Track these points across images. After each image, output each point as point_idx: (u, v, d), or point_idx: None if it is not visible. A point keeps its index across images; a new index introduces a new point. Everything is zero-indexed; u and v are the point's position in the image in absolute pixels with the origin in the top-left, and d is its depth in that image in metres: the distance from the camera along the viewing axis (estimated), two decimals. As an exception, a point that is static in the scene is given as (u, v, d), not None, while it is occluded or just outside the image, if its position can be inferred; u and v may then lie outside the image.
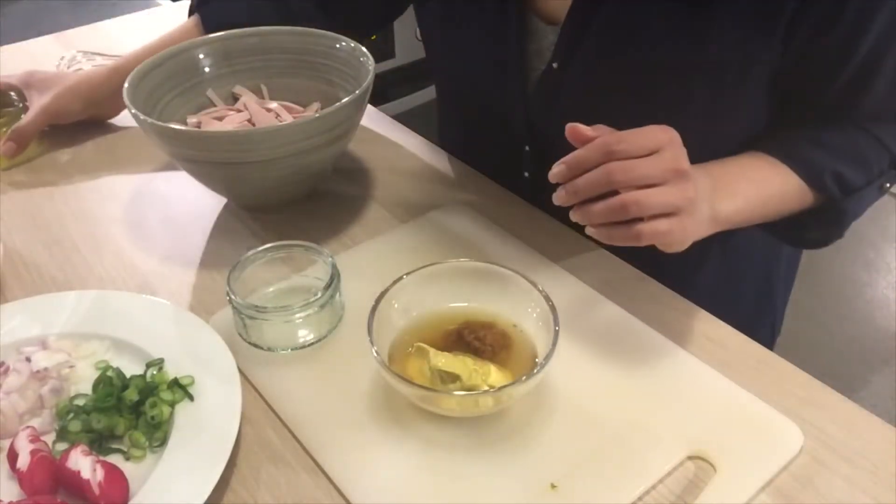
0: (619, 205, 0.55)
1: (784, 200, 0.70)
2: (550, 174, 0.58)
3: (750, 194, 0.67)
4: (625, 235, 0.57)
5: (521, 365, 0.58)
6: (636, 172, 0.55)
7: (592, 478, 0.53)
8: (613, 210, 0.56)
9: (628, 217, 0.56)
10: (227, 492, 0.54)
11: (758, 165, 0.70)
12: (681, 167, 0.57)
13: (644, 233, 0.56)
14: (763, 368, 0.62)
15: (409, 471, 0.54)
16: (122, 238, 0.79)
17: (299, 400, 0.60)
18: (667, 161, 0.56)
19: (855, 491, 0.53)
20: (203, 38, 0.85)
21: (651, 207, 0.55)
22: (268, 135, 0.71)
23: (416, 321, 0.62)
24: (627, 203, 0.55)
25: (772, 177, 0.70)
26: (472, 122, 0.94)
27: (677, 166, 0.56)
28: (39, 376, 0.59)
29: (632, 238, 0.57)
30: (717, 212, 0.63)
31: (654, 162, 0.56)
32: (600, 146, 0.56)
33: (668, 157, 0.56)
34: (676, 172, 0.56)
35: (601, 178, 0.56)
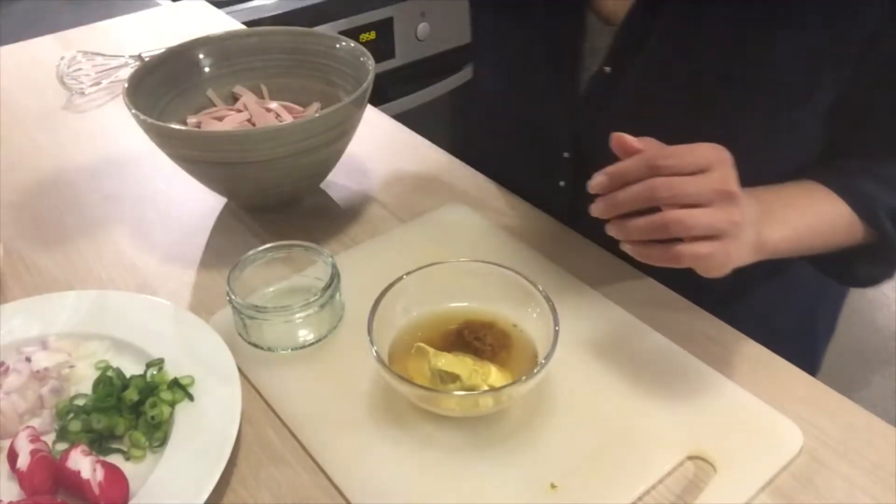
0: (661, 223, 0.53)
1: (834, 232, 0.67)
2: (590, 184, 0.55)
3: (799, 224, 0.64)
4: (663, 256, 0.54)
5: (521, 365, 0.58)
6: (681, 190, 0.53)
7: (592, 478, 0.53)
8: (654, 228, 0.53)
9: (669, 236, 0.53)
10: (227, 492, 0.54)
11: (809, 194, 0.67)
12: (729, 189, 0.54)
13: (683, 254, 0.53)
14: (763, 368, 0.62)
15: (409, 471, 0.54)
16: (122, 238, 0.79)
17: (299, 400, 0.60)
18: (715, 181, 0.53)
19: (855, 491, 0.53)
20: (203, 38, 0.85)
21: (693, 228, 0.53)
22: (268, 135, 0.71)
23: (416, 321, 0.62)
24: (669, 221, 0.52)
25: (823, 207, 0.66)
26: (509, 123, 0.89)
27: (726, 188, 0.53)
28: (39, 376, 0.59)
29: (670, 259, 0.54)
30: (764, 239, 0.60)
31: (701, 181, 0.53)
32: (646, 159, 0.53)
33: (716, 178, 0.53)
34: (724, 194, 0.53)
35: (644, 193, 0.53)
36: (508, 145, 0.90)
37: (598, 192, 0.55)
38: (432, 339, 0.60)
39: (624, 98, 0.71)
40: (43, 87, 1.08)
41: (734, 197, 0.54)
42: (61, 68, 1.06)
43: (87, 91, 1.06)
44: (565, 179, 0.80)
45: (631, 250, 0.56)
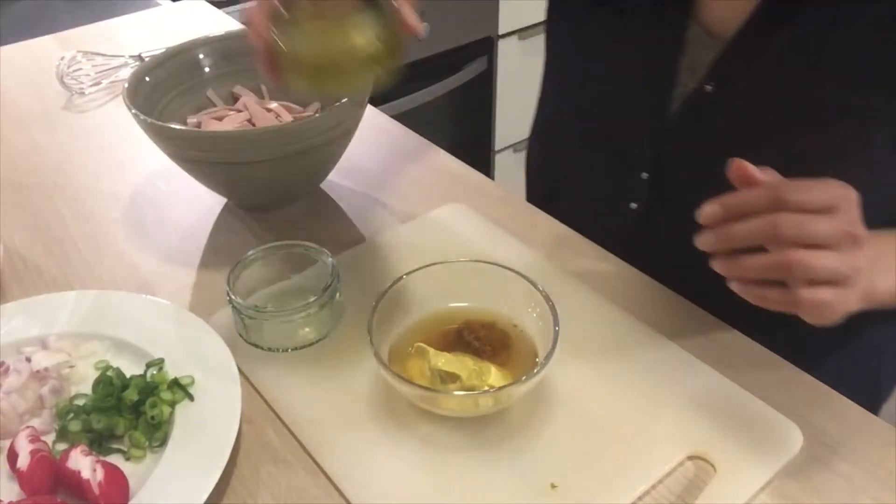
0: (784, 264, 0.48)
1: None
2: (701, 213, 0.50)
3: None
4: (781, 300, 0.50)
5: (521, 365, 0.58)
6: (808, 230, 0.48)
7: (592, 478, 0.53)
8: (773, 268, 0.49)
9: (786, 278, 0.49)
10: (227, 492, 0.54)
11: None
12: (856, 232, 0.50)
13: (804, 301, 0.49)
14: (763, 368, 0.62)
15: (409, 471, 0.54)
16: (122, 238, 0.79)
17: (299, 400, 0.60)
18: (843, 223, 0.49)
19: (855, 491, 0.53)
20: (203, 38, 0.85)
21: (818, 273, 0.48)
22: (268, 135, 0.71)
23: (416, 321, 0.62)
24: (793, 264, 0.48)
25: None
26: (582, 135, 0.81)
27: (853, 230, 0.49)
28: (39, 376, 0.59)
29: (789, 304, 0.50)
30: (873, 287, 0.54)
31: (829, 221, 0.49)
32: (771, 192, 0.49)
33: (845, 219, 0.49)
34: (851, 237, 0.49)
35: (765, 231, 0.48)
36: (578, 163, 0.84)
37: (710, 223, 0.51)
38: (432, 338, 0.60)
39: (723, 121, 0.66)
40: (43, 87, 1.08)
41: (859, 241, 0.50)
42: (61, 68, 1.06)
43: (87, 91, 1.06)
44: (639, 201, 0.74)
45: (740, 289, 0.51)
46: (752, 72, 0.62)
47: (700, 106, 0.66)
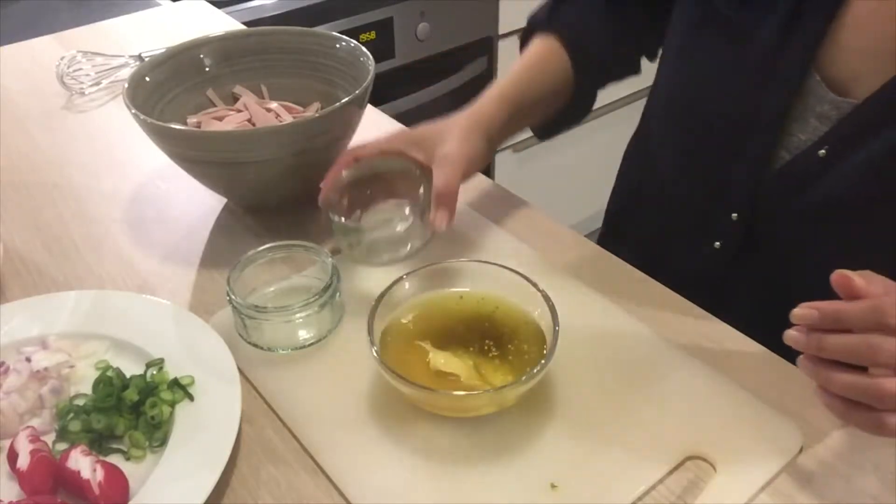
0: (876, 392, 0.45)
1: None
2: (794, 314, 0.47)
3: None
4: (866, 424, 0.47)
5: (521, 364, 0.58)
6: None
7: (592, 478, 0.53)
8: (864, 393, 0.46)
9: (877, 406, 0.46)
10: (227, 492, 0.54)
11: None
12: None
13: (890, 427, 0.46)
14: (763, 368, 0.62)
15: (409, 471, 0.54)
16: (122, 238, 0.79)
17: (299, 400, 0.60)
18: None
19: (855, 491, 0.53)
20: (203, 38, 0.85)
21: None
22: (268, 135, 0.71)
23: (415, 321, 0.62)
24: (885, 393, 0.45)
25: None
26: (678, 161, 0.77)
27: None
28: (39, 376, 0.59)
29: (875, 428, 0.47)
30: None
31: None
32: (874, 313, 0.45)
33: None
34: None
35: (861, 352, 0.46)
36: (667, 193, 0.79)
37: (801, 323, 0.48)
38: (432, 338, 0.60)
39: (828, 186, 0.61)
40: (43, 87, 1.08)
41: None
42: (61, 68, 1.06)
43: (87, 91, 1.06)
44: (723, 241, 0.71)
45: (827, 402, 0.49)
46: (876, 142, 0.57)
47: (809, 167, 0.62)
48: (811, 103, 0.62)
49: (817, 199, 0.60)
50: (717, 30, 0.67)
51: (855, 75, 0.60)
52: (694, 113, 0.72)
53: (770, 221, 0.66)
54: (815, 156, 0.61)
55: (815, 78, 0.62)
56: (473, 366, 0.58)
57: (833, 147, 0.60)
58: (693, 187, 0.74)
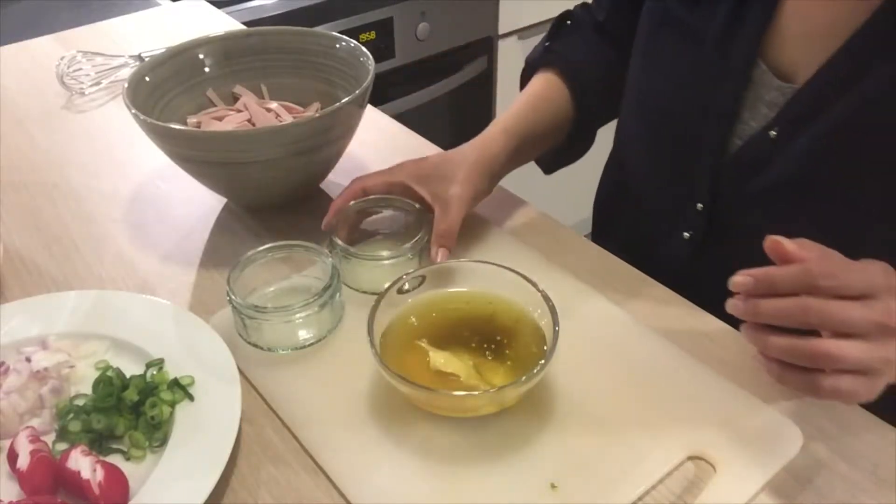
0: (809, 352, 0.48)
1: None
2: (732, 282, 0.50)
3: None
4: (802, 386, 0.50)
5: (521, 364, 0.58)
6: (837, 319, 0.47)
7: (592, 478, 0.53)
8: (800, 354, 0.49)
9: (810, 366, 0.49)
10: (227, 492, 0.54)
11: None
12: (890, 323, 0.48)
13: (825, 389, 0.49)
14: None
15: (409, 471, 0.54)
16: (122, 238, 0.79)
17: (299, 400, 0.60)
18: (876, 312, 0.48)
19: (855, 491, 0.53)
20: (203, 38, 0.85)
21: (843, 364, 0.48)
22: (268, 135, 0.71)
23: (415, 321, 0.62)
24: (818, 354, 0.48)
25: None
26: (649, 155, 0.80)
27: (887, 321, 0.48)
28: (39, 376, 0.59)
29: (811, 390, 0.50)
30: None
31: (861, 311, 0.47)
32: (805, 275, 0.47)
33: (879, 309, 0.48)
34: (884, 328, 0.48)
35: (793, 313, 0.48)
36: (637, 187, 0.83)
37: (739, 291, 0.50)
38: (432, 338, 0.60)
39: (781, 168, 0.64)
40: (43, 87, 1.08)
41: (893, 332, 0.48)
42: (61, 68, 1.06)
43: (87, 91, 1.06)
44: (692, 231, 0.74)
45: (765, 365, 0.51)
46: (820, 124, 0.60)
47: (761, 150, 0.65)
48: (760, 92, 0.65)
49: (770, 181, 0.63)
50: (671, 30, 0.71)
51: (797, 61, 0.63)
52: (656, 109, 0.75)
53: (731, 209, 0.69)
54: (767, 138, 0.64)
55: (761, 67, 0.65)
56: (473, 366, 0.58)
57: (782, 129, 0.63)
58: (660, 181, 0.78)
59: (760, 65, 0.65)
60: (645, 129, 0.79)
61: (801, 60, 0.62)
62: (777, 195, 0.62)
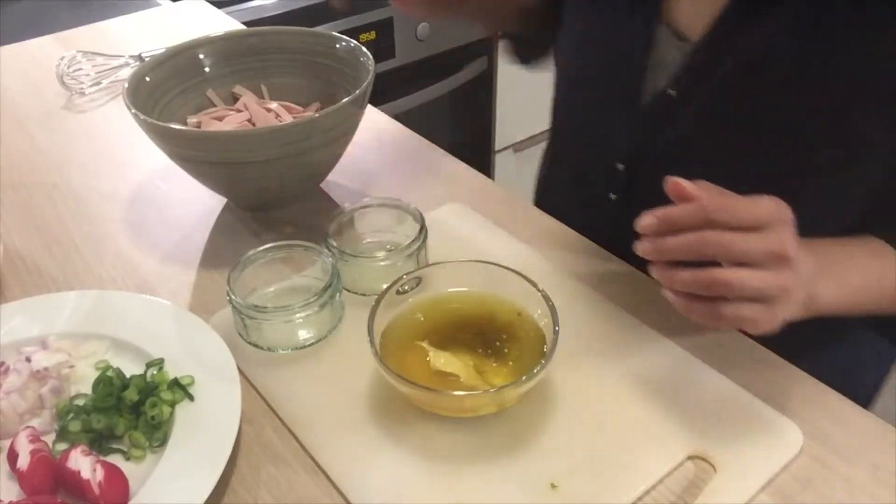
0: (707, 282, 0.51)
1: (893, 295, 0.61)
2: (639, 223, 0.53)
3: (856, 283, 0.60)
4: (706, 314, 0.52)
5: (521, 364, 0.58)
6: (733, 249, 0.50)
7: (592, 478, 0.53)
8: (701, 285, 0.51)
9: (714, 296, 0.51)
10: (227, 492, 0.54)
11: (871, 253, 0.62)
12: (785, 252, 0.51)
13: (727, 316, 0.52)
14: (763, 368, 0.62)
15: (409, 471, 0.54)
16: (122, 238, 0.79)
17: (299, 400, 0.60)
18: (771, 242, 0.50)
19: (855, 491, 0.53)
20: (203, 38, 0.85)
21: (741, 292, 0.51)
22: (268, 135, 0.71)
23: (415, 321, 0.62)
24: (717, 282, 0.50)
25: (885, 267, 0.61)
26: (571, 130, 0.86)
27: (781, 250, 0.51)
28: (39, 376, 0.59)
29: (713, 318, 0.52)
30: (816, 297, 0.56)
31: (755, 241, 0.50)
32: (700, 210, 0.50)
33: (773, 239, 0.51)
34: (778, 257, 0.51)
35: (693, 246, 0.50)
36: (568, 153, 0.88)
37: (646, 233, 0.53)
38: (432, 338, 0.60)
39: (683, 124, 0.67)
40: (43, 87, 1.08)
41: (788, 261, 0.51)
42: (61, 68, 1.06)
43: (87, 91, 1.06)
44: (616, 192, 0.77)
45: (672, 299, 0.54)
46: (714, 78, 0.63)
47: (664, 109, 0.68)
48: (663, 52, 0.69)
49: (675, 138, 0.67)
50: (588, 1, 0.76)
51: (691, 21, 0.66)
52: (575, 73, 0.81)
53: (648, 168, 0.71)
54: (668, 97, 0.68)
55: (663, 28, 0.68)
56: (473, 366, 0.58)
57: (680, 88, 0.67)
58: (585, 143, 0.82)
59: (662, 26, 0.68)
60: (569, 92, 0.84)
61: (695, 20, 0.65)
62: (684, 152, 0.66)
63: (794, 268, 0.52)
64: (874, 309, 0.62)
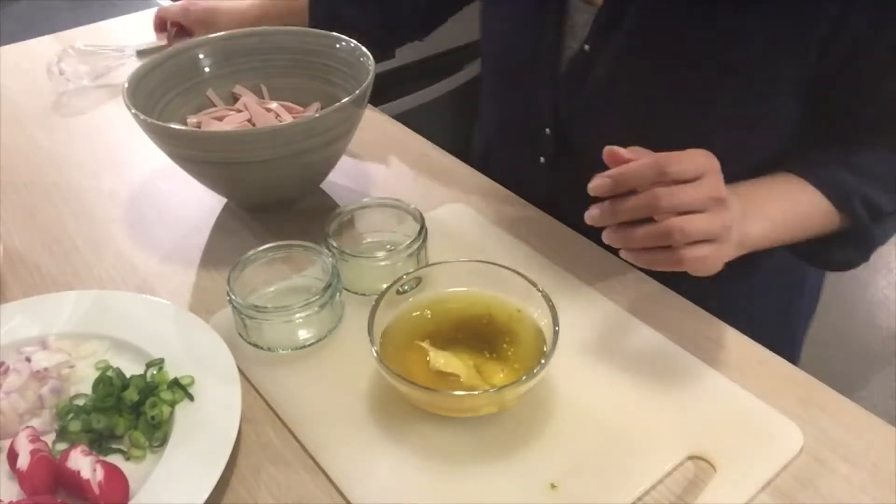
0: (665, 231, 0.55)
1: (811, 223, 0.69)
2: (590, 186, 0.56)
3: (777, 217, 0.67)
4: (667, 261, 0.57)
5: (521, 364, 0.58)
6: (681, 199, 0.55)
7: (592, 478, 0.53)
8: (658, 236, 0.56)
9: (670, 244, 0.56)
10: (227, 492, 0.54)
11: (786, 187, 0.69)
12: (720, 195, 0.57)
13: (686, 258, 0.56)
14: (763, 368, 0.62)
15: (409, 471, 0.54)
16: (122, 238, 0.79)
17: (299, 400, 0.60)
18: (709, 188, 0.56)
19: (855, 491, 0.53)
20: (203, 38, 0.85)
21: (693, 235, 0.55)
22: (268, 135, 0.71)
23: (416, 321, 0.62)
24: (672, 230, 0.55)
25: (800, 199, 0.69)
26: (498, 101, 0.93)
27: (717, 194, 0.56)
28: (39, 376, 0.59)
29: (674, 263, 0.57)
30: (745, 235, 0.63)
31: (697, 190, 0.56)
32: (654, 167, 0.54)
33: (709, 184, 0.56)
34: (716, 201, 0.56)
35: (647, 204, 0.55)
36: (497, 124, 0.94)
37: (600, 194, 0.56)
38: (433, 338, 0.60)
39: (601, 78, 0.73)
40: (43, 87, 1.08)
41: (724, 202, 0.57)
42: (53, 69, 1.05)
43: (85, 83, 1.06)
44: (546, 156, 0.83)
45: (633, 257, 0.58)
46: (617, 34, 0.71)
47: (582, 65, 0.75)
48: (576, 18, 0.76)
49: (593, 89, 0.72)
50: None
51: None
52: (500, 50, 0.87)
53: (571, 129, 0.78)
54: (583, 53, 0.75)
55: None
56: (473, 366, 0.58)
57: (592, 43, 0.74)
58: (512, 114, 0.89)
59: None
60: (494, 70, 0.91)
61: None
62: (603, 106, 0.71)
63: (730, 208, 0.58)
64: (798, 237, 0.69)
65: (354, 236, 0.72)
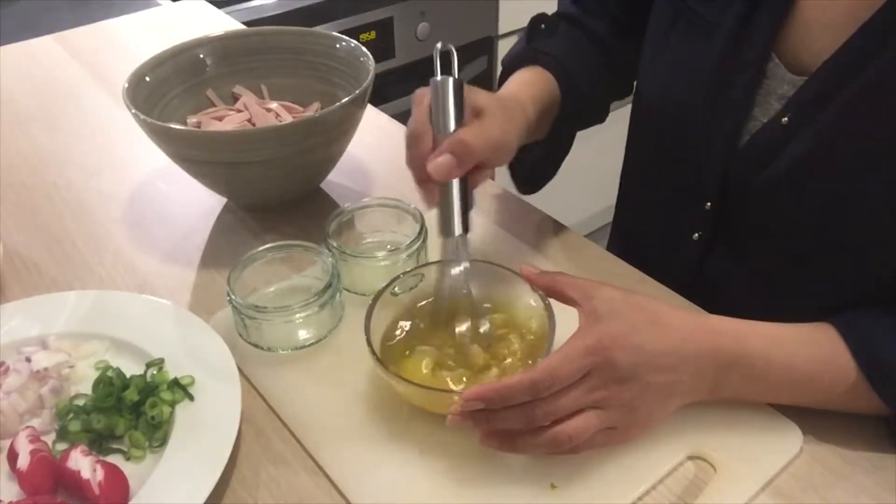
0: (552, 442, 0.52)
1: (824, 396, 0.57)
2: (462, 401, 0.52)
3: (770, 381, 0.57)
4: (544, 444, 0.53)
5: (521, 365, 0.58)
6: (559, 409, 0.51)
7: (592, 478, 0.53)
8: (547, 446, 0.52)
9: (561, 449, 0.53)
10: (227, 492, 0.54)
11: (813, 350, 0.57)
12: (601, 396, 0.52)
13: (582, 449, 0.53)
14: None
15: (409, 471, 0.54)
16: (122, 238, 0.79)
17: (299, 400, 0.60)
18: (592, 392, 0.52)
19: (855, 491, 0.53)
20: (203, 38, 0.85)
21: (582, 436, 0.52)
22: (268, 135, 0.71)
23: (415, 321, 0.62)
24: (559, 439, 0.52)
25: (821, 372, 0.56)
26: (656, 167, 0.80)
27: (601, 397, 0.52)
28: (39, 376, 0.59)
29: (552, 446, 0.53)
30: (720, 387, 0.56)
31: (576, 396, 0.52)
32: (531, 387, 0.51)
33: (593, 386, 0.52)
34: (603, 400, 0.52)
35: (523, 420, 0.52)
36: (649, 191, 0.82)
37: (469, 409, 0.52)
38: (432, 337, 0.60)
39: (795, 154, 0.63)
40: (43, 87, 1.08)
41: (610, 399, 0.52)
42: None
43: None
44: (701, 232, 0.72)
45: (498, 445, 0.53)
46: (832, 108, 0.60)
47: (774, 138, 0.65)
48: (772, 86, 0.65)
49: (782, 168, 0.63)
50: (685, 24, 0.70)
51: (812, 53, 0.62)
52: (665, 107, 0.74)
53: (739, 207, 0.68)
54: (778, 125, 0.64)
55: (774, 61, 0.64)
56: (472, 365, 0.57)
57: (793, 116, 0.63)
58: (669, 182, 0.76)
59: (774, 58, 0.64)
60: (653, 130, 0.78)
61: (816, 52, 0.62)
62: (785, 187, 0.63)
63: (628, 392, 0.52)
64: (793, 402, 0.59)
65: (354, 236, 0.72)
